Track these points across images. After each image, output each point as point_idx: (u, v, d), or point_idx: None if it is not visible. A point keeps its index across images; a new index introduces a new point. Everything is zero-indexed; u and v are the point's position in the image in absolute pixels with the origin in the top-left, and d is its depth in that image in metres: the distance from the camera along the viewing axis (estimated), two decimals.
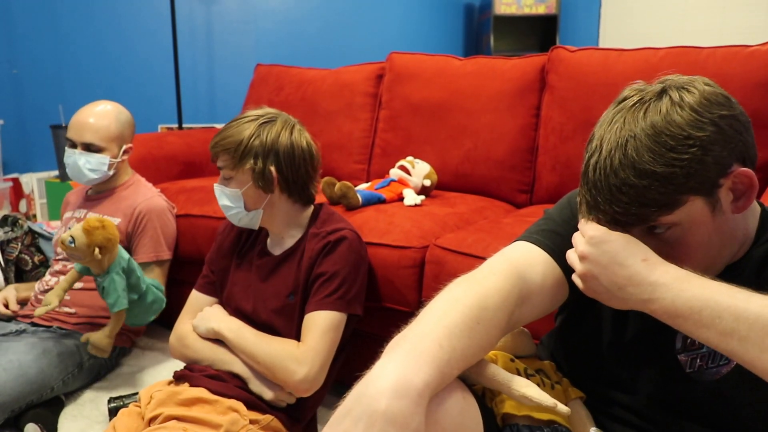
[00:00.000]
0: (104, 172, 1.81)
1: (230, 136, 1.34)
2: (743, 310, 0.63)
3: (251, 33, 3.62)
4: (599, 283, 0.73)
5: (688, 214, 0.71)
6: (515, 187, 2.02)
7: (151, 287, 1.68)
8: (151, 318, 1.72)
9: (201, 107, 3.55)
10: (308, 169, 1.39)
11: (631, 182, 0.70)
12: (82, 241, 1.47)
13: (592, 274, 0.73)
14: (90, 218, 1.51)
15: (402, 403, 0.55)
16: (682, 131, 0.69)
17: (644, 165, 0.69)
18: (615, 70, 1.82)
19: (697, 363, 0.79)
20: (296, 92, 2.48)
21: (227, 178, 1.37)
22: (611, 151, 0.71)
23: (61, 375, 1.62)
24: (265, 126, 1.35)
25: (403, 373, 0.57)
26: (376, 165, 2.28)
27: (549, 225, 0.88)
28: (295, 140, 1.36)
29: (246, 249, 1.47)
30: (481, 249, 1.44)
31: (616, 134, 0.72)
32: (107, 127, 1.79)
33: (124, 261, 1.57)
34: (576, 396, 0.88)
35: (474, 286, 0.71)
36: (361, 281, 1.37)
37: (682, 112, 0.70)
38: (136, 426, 1.26)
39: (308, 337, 1.28)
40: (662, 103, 0.71)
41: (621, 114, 0.73)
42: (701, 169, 0.69)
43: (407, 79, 2.23)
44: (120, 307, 1.56)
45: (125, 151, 1.85)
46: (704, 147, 0.69)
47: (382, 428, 0.54)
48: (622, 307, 0.74)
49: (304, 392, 1.28)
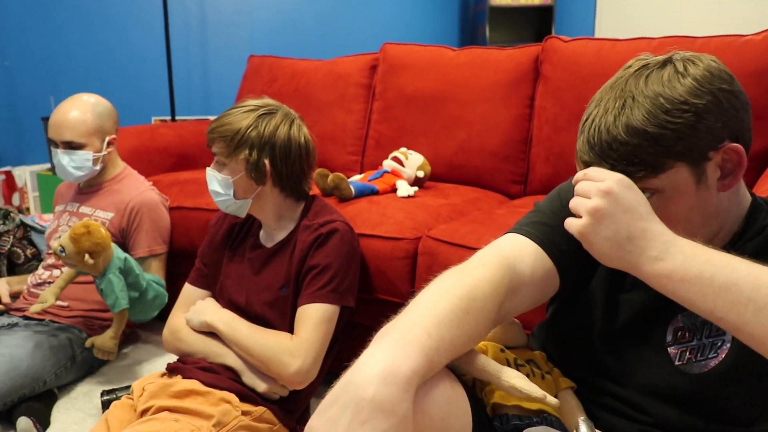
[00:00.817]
0: (90, 168, 1.78)
1: (228, 124, 1.32)
2: (764, 280, 0.62)
3: (245, 24, 3.59)
4: (606, 227, 0.69)
5: (672, 181, 0.72)
6: (509, 178, 2.01)
7: (151, 283, 1.68)
8: (154, 313, 1.72)
9: (194, 99, 3.52)
10: (303, 165, 1.38)
11: (621, 139, 0.71)
12: (71, 249, 1.48)
13: (603, 214, 0.69)
14: (76, 225, 1.49)
15: (389, 390, 0.55)
16: (680, 97, 0.70)
17: (637, 123, 0.70)
18: (609, 60, 1.81)
19: (686, 356, 0.79)
20: (289, 83, 2.47)
21: (221, 164, 1.36)
22: (608, 109, 0.73)
23: (54, 368, 1.61)
24: (264, 118, 1.33)
25: (391, 360, 0.57)
26: (369, 156, 2.28)
27: (539, 217, 0.88)
28: (293, 135, 1.35)
29: (238, 241, 1.46)
30: (474, 240, 1.44)
31: (616, 94, 0.74)
32: (84, 123, 1.75)
33: (120, 261, 1.56)
34: (566, 386, 0.88)
35: (464, 277, 0.71)
36: (353, 273, 1.37)
37: (683, 80, 0.71)
38: (128, 418, 1.26)
39: (301, 329, 1.28)
40: (665, 71, 0.73)
41: (623, 78, 0.75)
42: (692, 135, 0.70)
43: (401, 69, 2.22)
44: (120, 308, 1.56)
45: (109, 143, 1.82)
46: (699, 114, 0.70)
47: (369, 415, 0.54)
48: (615, 263, 0.72)
49: (298, 384, 1.28)
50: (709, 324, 0.78)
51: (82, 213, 1.83)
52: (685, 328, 0.80)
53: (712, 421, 0.76)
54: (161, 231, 1.87)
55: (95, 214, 1.82)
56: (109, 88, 1.94)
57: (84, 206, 1.85)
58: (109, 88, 1.93)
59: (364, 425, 0.53)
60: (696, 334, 0.79)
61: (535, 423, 0.77)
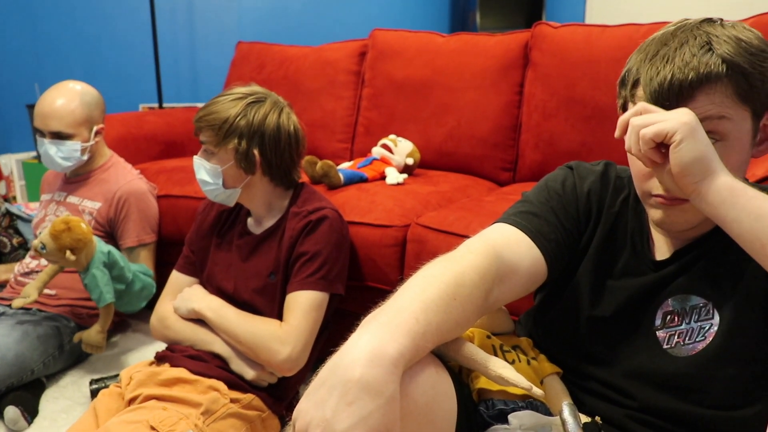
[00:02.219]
0: (78, 158, 1.76)
1: (216, 112, 1.30)
2: None
3: (233, 9, 3.54)
4: (695, 140, 0.68)
5: (739, 129, 0.72)
6: (498, 165, 2.01)
7: (138, 275, 1.67)
8: (142, 304, 1.71)
9: (182, 86, 3.49)
10: (292, 154, 1.37)
11: (717, 72, 0.70)
12: (51, 246, 1.46)
13: (693, 128, 0.68)
14: (56, 221, 1.48)
15: (376, 371, 0.55)
16: (758, 44, 0.71)
17: (732, 58, 0.70)
18: (598, 46, 1.81)
19: (675, 340, 0.80)
20: (278, 70, 2.45)
21: (209, 153, 1.34)
22: (690, 45, 0.71)
23: (42, 357, 1.61)
24: (253, 106, 1.31)
25: (378, 343, 0.57)
26: (359, 144, 2.27)
27: (526, 207, 0.88)
28: (282, 124, 1.33)
29: (226, 229, 1.45)
30: (463, 227, 1.44)
31: (692, 35, 0.72)
32: (72, 112, 1.71)
33: (104, 255, 1.55)
34: (552, 371, 0.88)
35: (451, 265, 0.71)
36: (342, 260, 1.36)
37: (749, 33, 0.72)
38: (116, 407, 1.26)
39: (291, 316, 1.27)
40: (726, 24, 0.73)
41: (688, 26, 0.74)
42: (765, 85, 0.71)
43: (390, 56, 2.21)
44: (105, 302, 1.55)
45: (97, 133, 1.79)
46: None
47: (356, 396, 0.54)
48: (687, 168, 0.68)
49: (287, 372, 1.28)
50: (698, 308, 0.79)
51: (70, 203, 1.81)
52: (674, 312, 0.81)
53: (698, 405, 0.77)
54: (149, 220, 1.85)
55: (83, 204, 1.80)
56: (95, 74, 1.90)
57: (72, 196, 1.83)
58: (95, 74, 1.89)
59: (351, 406, 0.54)
60: (685, 318, 0.80)
61: (520, 408, 0.78)
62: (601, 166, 0.93)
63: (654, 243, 0.85)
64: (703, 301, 0.79)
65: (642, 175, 0.78)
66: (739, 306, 0.76)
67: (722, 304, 0.77)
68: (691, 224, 0.78)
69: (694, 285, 0.80)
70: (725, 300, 0.77)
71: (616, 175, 0.92)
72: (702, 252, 0.80)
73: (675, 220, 0.77)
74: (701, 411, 0.77)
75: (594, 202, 0.90)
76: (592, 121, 1.79)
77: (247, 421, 1.26)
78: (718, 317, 0.77)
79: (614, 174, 0.92)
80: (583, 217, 0.89)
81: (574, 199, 0.90)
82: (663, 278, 0.82)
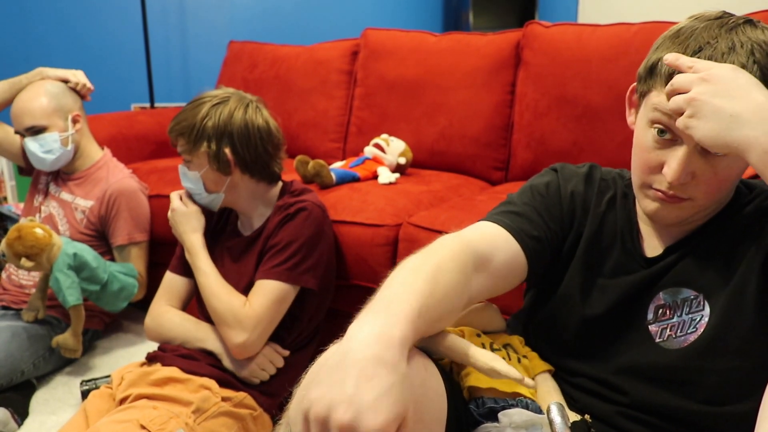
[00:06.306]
0: (62, 149, 1.74)
1: (184, 120, 1.32)
2: None
3: (225, 9, 3.53)
4: (710, 100, 0.67)
5: None
6: (490, 165, 2.02)
7: (117, 275, 1.66)
8: (123, 304, 1.71)
9: (174, 86, 3.47)
10: (267, 147, 1.36)
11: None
12: (8, 253, 1.51)
13: (710, 91, 0.67)
14: (11, 228, 1.52)
15: (389, 351, 0.56)
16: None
17: None
18: (589, 45, 1.81)
19: (667, 333, 0.81)
20: (270, 70, 2.44)
21: (187, 161, 1.36)
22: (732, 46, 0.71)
23: (32, 358, 1.60)
24: (218, 107, 1.32)
25: (381, 329, 0.58)
26: (351, 143, 2.26)
27: (509, 207, 0.90)
28: (249, 119, 1.33)
29: (217, 230, 1.46)
30: (454, 226, 1.42)
31: (740, 42, 0.71)
32: (41, 104, 1.71)
33: (68, 257, 1.55)
34: (544, 369, 0.89)
35: (428, 257, 0.72)
36: (318, 255, 1.34)
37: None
38: (107, 407, 1.25)
39: (255, 300, 1.28)
40: (747, 23, 0.73)
41: (725, 28, 0.73)
42: None
43: (382, 55, 2.21)
44: (68, 304, 1.55)
45: (74, 120, 1.77)
46: None
47: (374, 371, 0.54)
48: (713, 139, 0.67)
49: (238, 355, 1.29)
50: (689, 300, 0.80)
51: (63, 199, 1.81)
52: (666, 305, 0.81)
53: (689, 400, 0.78)
54: (140, 218, 1.84)
55: (75, 201, 1.80)
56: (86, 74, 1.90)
57: (65, 193, 1.82)
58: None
59: (372, 380, 0.53)
60: (676, 311, 0.80)
61: (510, 406, 0.78)
62: (586, 168, 0.94)
63: (644, 239, 0.86)
64: (693, 293, 0.80)
65: (648, 167, 0.77)
66: (730, 298, 0.76)
67: (713, 296, 0.78)
68: (681, 219, 0.79)
69: (685, 277, 0.80)
70: (716, 292, 0.78)
71: (600, 176, 0.93)
72: (693, 246, 0.81)
73: (668, 214, 0.79)
74: (693, 406, 0.77)
75: (578, 203, 0.91)
76: (584, 120, 1.80)
77: (239, 420, 1.26)
78: (709, 309, 0.78)
79: (599, 175, 0.93)
80: (567, 218, 0.90)
81: (557, 200, 0.91)
82: (654, 274, 0.83)
